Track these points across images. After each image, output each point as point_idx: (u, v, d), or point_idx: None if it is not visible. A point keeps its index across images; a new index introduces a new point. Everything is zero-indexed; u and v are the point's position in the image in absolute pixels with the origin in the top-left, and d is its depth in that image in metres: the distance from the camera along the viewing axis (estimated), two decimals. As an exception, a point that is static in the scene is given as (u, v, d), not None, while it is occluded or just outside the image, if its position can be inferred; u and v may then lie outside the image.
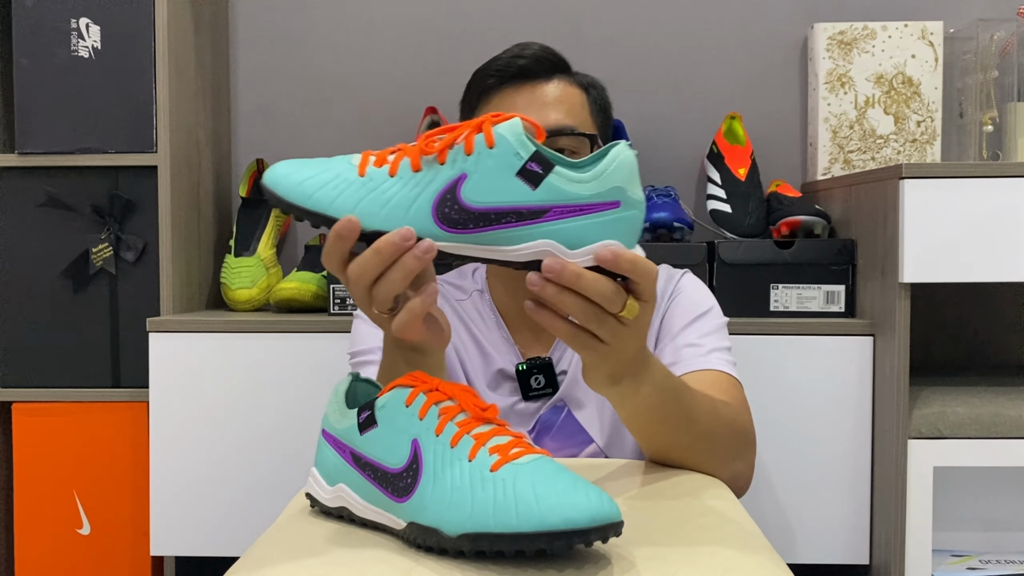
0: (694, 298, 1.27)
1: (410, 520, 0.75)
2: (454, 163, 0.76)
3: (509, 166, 0.74)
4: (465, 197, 0.75)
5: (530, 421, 1.24)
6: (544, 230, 0.74)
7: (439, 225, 0.76)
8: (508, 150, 0.74)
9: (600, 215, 0.74)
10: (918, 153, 1.82)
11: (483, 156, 0.75)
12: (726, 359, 1.21)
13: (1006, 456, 1.49)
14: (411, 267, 0.78)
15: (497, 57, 1.27)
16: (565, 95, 1.24)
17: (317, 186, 0.78)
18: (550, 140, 1.20)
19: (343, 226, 0.77)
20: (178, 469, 1.61)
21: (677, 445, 1.01)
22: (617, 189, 0.74)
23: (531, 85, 1.24)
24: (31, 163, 1.72)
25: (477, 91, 1.27)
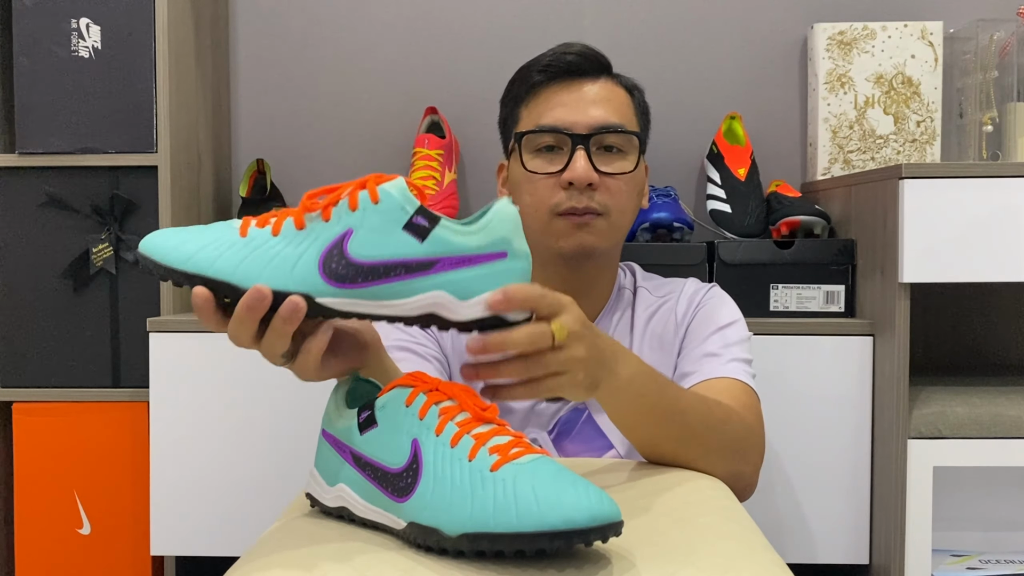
0: (719, 310, 1.28)
1: (410, 520, 0.75)
2: (339, 219, 0.74)
3: (395, 220, 0.74)
4: (352, 252, 0.74)
5: (549, 423, 1.24)
6: (434, 282, 0.74)
7: (326, 280, 0.74)
8: (394, 205, 0.74)
9: (488, 265, 0.75)
10: (918, 153, 1.82)
11: (368, 212, 0.74)
12: (744, 369, 1.21)
13: (1006, 456, 1.49)
14: (283, 330, 0.75)
15: (542, 55, 1.27)
16: (612, 94, 1.25)
17: (196, 248, 0.75)
18: (597, 137, 1.21)
19: (196, 298, 0.75)
20: (178, 469, 1.61)
21: (666, 437, 1.02)
22: (502, 240, 0.75)
23: (578, 83, 1.24)
24: (31, 163, 1.72)
25: (524, 87, 1.27)
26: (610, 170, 1.21)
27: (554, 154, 1.23)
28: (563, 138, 1.21)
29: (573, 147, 1.20)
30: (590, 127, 1.21)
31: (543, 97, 1.25)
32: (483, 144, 1.86)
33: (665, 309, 1.30)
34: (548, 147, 1.23)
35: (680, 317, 1.29)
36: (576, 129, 1.21)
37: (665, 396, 1.00)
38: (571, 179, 1.19)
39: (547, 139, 1.23)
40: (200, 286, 0.74)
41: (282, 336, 0.76)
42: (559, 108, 1.23)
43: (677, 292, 1.33)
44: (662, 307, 1.31)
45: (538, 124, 1.23)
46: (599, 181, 1.20)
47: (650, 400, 0.98)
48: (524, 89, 1.27)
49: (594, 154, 1.21)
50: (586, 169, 1.18)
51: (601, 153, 1.22)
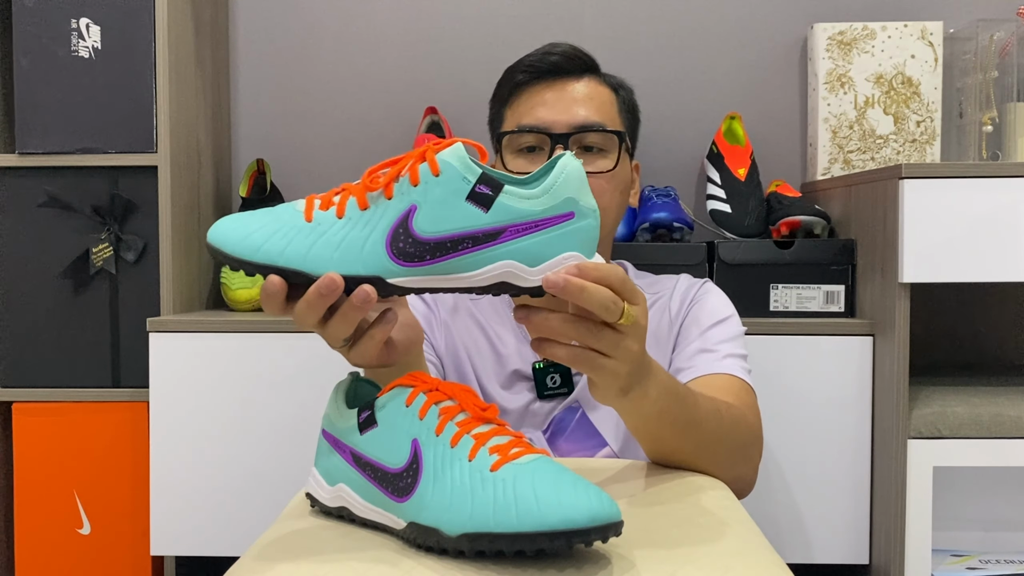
0: (713, 306, 1.28)
1: (410, 520, 0.75)
2: (402, 196, 0.74)
3: (458, 191, 0.73)
4: (418, 228, 0.73)
5: (544, 422, 1.24)
6: (502, 251, 0.73)
7: (395, 261, 0.73)
8: (455, 176, 0.73)
9: (556, 228, 0.74)
10: (918, 153, 1.82)
11: (430, 185, 0.73)
12: (740, 365, 1.21)
13: (1006, 456, 1.49)
14: (352, 317, 0.76)
15: (528, 54, 1.28)
16: (595, 93, 1.25)
17: (264, 238, 0.74)
18: (577, 136, 1.21)
19: (268, 286, 0.74)
20: (178, 469, 1.61)
21: (682, 449, 1.01)
22: (569, 200, 0.74)
23: (561, 82, 1.25)
24: (31, 163, 1.72)
25: (508, 87, 1.28)
26: (590, 169, 1.21)
27: (535, 154, 1.23)
28: (543, 138, 1.22)
29: (552, 146, 1.20)
30: (570, 126, 1.21)
31: (525, 97, 1.26)
32: (483, 144, 1.86)
33: (659, 306, 1.30)
34: (530, 147, 1.23)
35: (674, 314, 1.29)
36: (556, 128, 1.21)
37: (684, 411, 0.98)
38: None
39: (528, 139, 1.23)
40: (273, 275, 0.74)
41: (350, 322, 0.76)
42: (540, 108, 1.23)
43: (670, 289, 1.32)
44: (655, 304, 1.31)
45: (519, 124, 1.24)
46: None
47: (670, 417, 0.96)
48: (508, 89, 1.28)
49: (575, 154, 1.21)
50: None
51: (582, 153, 1.22)
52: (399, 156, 0.77)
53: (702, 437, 1.01)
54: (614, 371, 0.82)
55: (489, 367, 1.26)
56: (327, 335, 0.78)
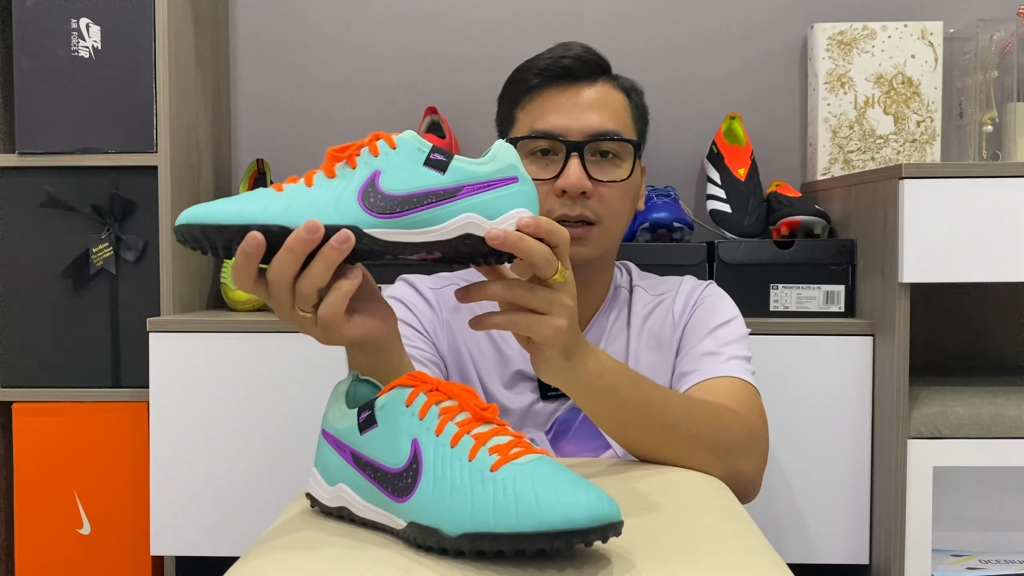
0: (716, 308, 1.28)
1: (410, 520, 0.75)
2: (365, 165, 0.81)
3: (415, 159, 0.82)
4: (384, 187, 0.80)
5: (547, 422, 1.24)
6: (463, 205, 0.81)
7: (368, 212, 0.80)
8: (410, 148, 0.82)
9: (504, 188, 0.83)
10: (918, 153, 1.82)
11: (390, 156, 0.82)
12: (744, 367, 1.20)
13: (1006, 456, 1.49)
14: (332, 259, 0.79)
15: (540, 56, 1.25)
16: (608, 99, 1.23)
17: (240, 205, 0.80)
18: (592, 144, 1.20)
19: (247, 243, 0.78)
20: (178, 469, 1.61)
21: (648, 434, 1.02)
22: (511, 167, 0.83)
23: (575, 87, 1.23)
24: (31, 163, 1.72)
25: (520, 89, 1.26)
26: (604, 178, 1.20)
27: (548, 159, 1.21)
28: (558, 144, 1.20)
29: (567, 154, 1.19)
30: (585, 134, 1.20)
31: (539, 101, 1.23)
32: (483, 144, 1.85)
33: (662, 308, 1.30)
34: (543, 151, 1.22)
35: (677, 316, 1.29)
36: (571, 136, 1.20)
37: (639, 391, 1.00)
38: (564, 187, 1.18)
39: (542, 144, 1.22)
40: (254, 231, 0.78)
41: (329, 265, 0.79)
42: (554, 113, 1.21)
43: (674, 291, 1.32)
44: (659, 306, 1.31)
45: (533, 129, 1.22)
46: (592, 189, 1.19)
47: (623, 394, 0.98)
48: (520, 91, 1.26)
49: (588, 160, 1.20)
50: (579, 178, 1.18)
51: (596, 160, 1.21)
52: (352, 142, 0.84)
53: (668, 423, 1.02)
54: (551, 326, 0.86)
55: (492, 367, 1.26)
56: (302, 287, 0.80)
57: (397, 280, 1.34)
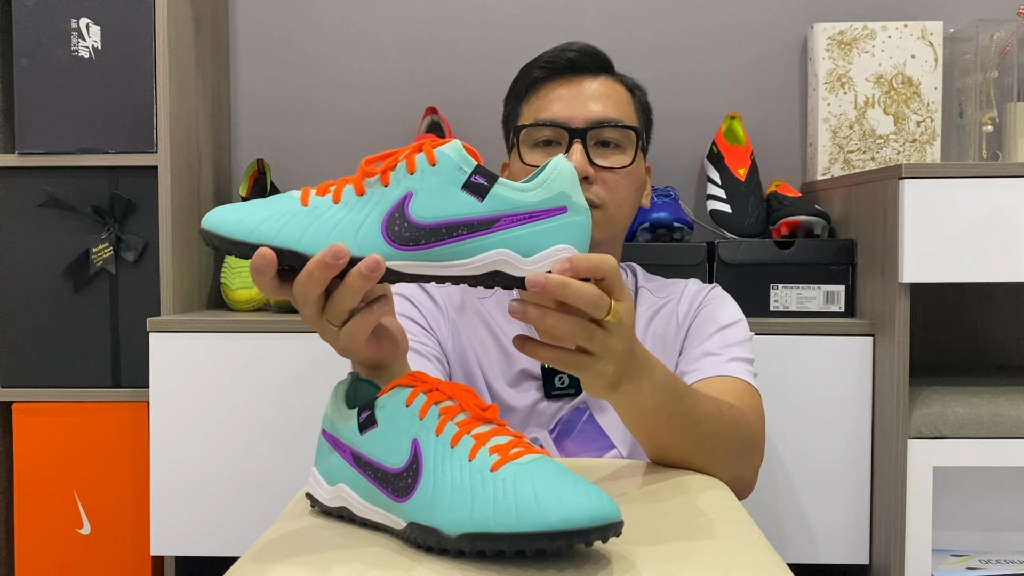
0: (721, 310, 1.28)
1: (410, 520, 0.75)
2: (398, 183, 0.75)
3: (454, 180, 0.74)
4: (413, 214, 0.74)
5: (551, 421, 1.24)
6: (496, 239, 0.74)
7: (390, 244, 0.74)
8: (451, 165, 0.74)
9: (549, 221, 0.75)
10: (918, 153, 1.82)
11: (427, 174, 0.74)
12: (746, 369, 1.21)
13: (1006, 456, 1.49)
14: (357, 287, 0.75)
15: (545, 52, 1.29)
16: (611, 91, 1.26)
17: (259, 220, 0.75)
18: (595, 131, 1.22)
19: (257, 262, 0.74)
20: (178, 469, 1.61)
21: (678, 446, 1.01)
22: (562, 195, 0.75)
23: (578, 79, 1.26)
24: (31, 163, 1.72)
25: (524, 83, 1.29)
26: (607, 164, 1.22)
27: (552, 148, 1.24)
28: (561, 132, 1.23)
29: (570, 141, 1.21)
30: (587, 121, 1.22)
31: (542, 93, 1.27)
32: (483, 144, 1.84)
33: (667, 309, 1.31)
34: (546, 141, 1.24)
35: (682, 317, 1.29)
36: (573, 123, 1.22)
37: (681, 407, 0.98)
38: None
39: (545, 133, 1.24)
40: (263, 248, 0.74)
41: (355, 294, 0.75)
42: (557, 103, 1.24)
43: (679, 292, 1.33)
44: (664, 307, 1.31)
45: (536, 118, 1.25)
46: (595, 175, 1.21)
47: (666, 413, 0.96)
48: (524, 86, 1.29)
49: (591, 148, 1.22)
50: (582, 163, 1.19)
51: (598, 148, 1.23)
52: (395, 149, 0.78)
53: (700, 435, 1.01)
54: (599, 371, 0.83)
55: (496, 365, 1.26)
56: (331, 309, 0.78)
57: None
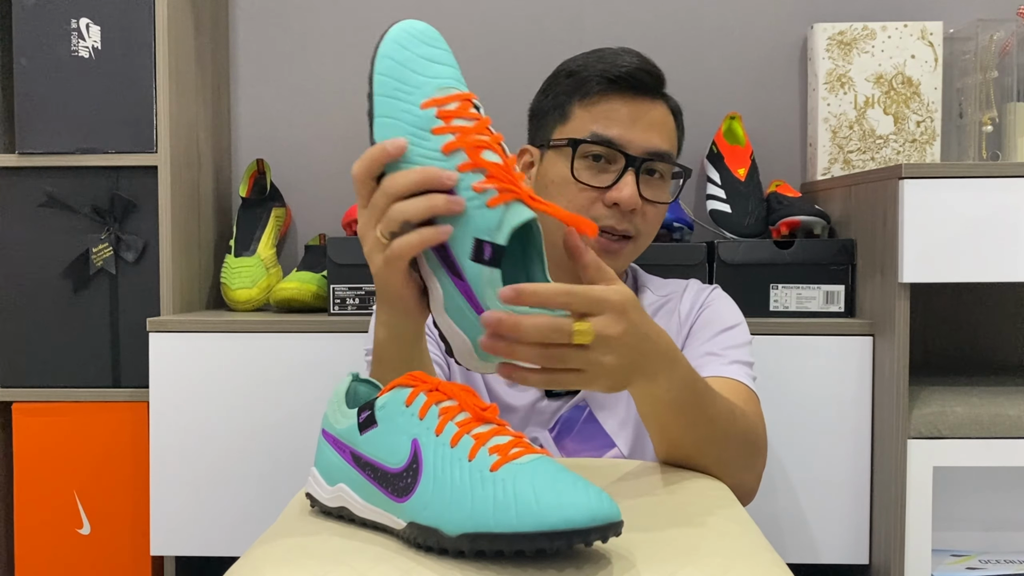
0: (722, 312, 1.28)
1: (410, 520, 0.75)
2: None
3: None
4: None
5: (551, 420, 1.24)
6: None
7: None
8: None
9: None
10: (918, 153, 1.82)
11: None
12: (746, 372, 1.21)
13: (1006, 456, 1.49)
14: (438, 207, 0.77)
15: (600, 58, 1.23)
16: (666, 119, 1.24)
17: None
18: (649, 163, 1.20)
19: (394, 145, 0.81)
20: (178, 469, 1.61)
21: (690, 443, 1.01)
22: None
23: (639, 100, 1.21)
24: (31, 163, 1.72)
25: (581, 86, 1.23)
26: (653, 197, 1.21)
27: (601, 166, 1.20)
28: (616, 155, 1.19)
29: (625, 167, 1.19)
30: (645, 151, 1.20)
31: (603, 106, 1.21)
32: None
33: (667, 309, 1.31)
34: (596, 156, 1.20)
35: (683, 317, 1.29)
36: (631, 150, 1.19)
37: (699, 403, 0.98)
38: (618, 200, 1.18)
39: (597, 149, 1.20)
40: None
41: (429, 211, 0.78)
42: (618, 124, 1.20)
43: (679, 292, 1.33)
44: (664, 307, 1.31)
45: (593, 132, 1.20)
46: (641, 208, 1.20)
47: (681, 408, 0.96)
48: (581, 88, 1.23)
49: (642, 177, 1.20)
50: (633, 194, 1.18)
51: (645, 177, 1.21)
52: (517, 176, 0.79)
53: (713, 433, 1.01)
54: (591, 382, 0.83)
55: None
56: (396, 211, 0.80)
57: None
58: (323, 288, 1.75)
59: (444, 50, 0.83)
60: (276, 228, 1.88)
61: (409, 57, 0.83)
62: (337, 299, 1.67)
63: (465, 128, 0.81)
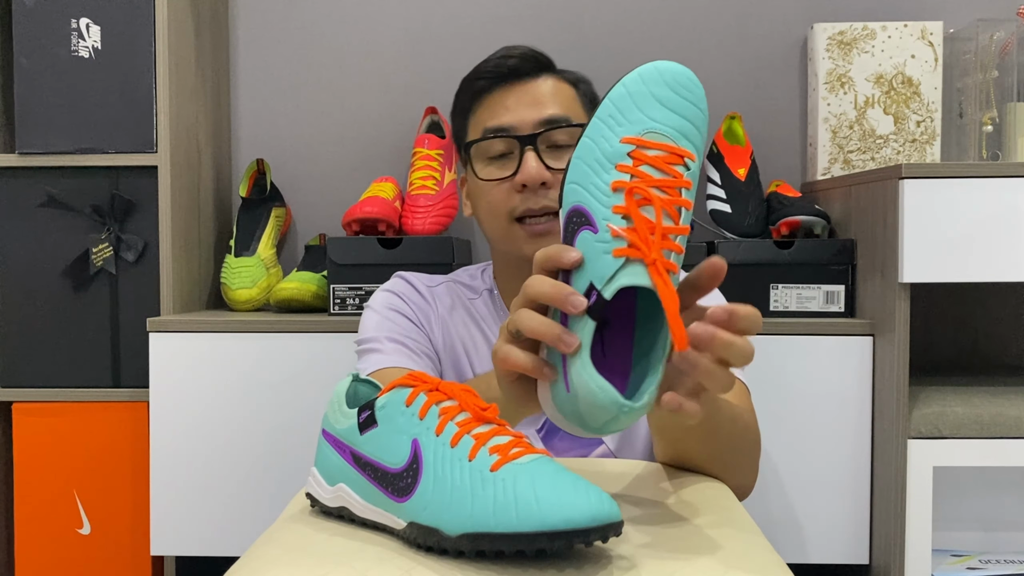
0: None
1: (410, 520, 0.75)
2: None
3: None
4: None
5: (539, 419, 1.24)
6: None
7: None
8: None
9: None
10: (918, 153, 1.82)
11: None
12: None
13: (1006, 456, 1.49)
14: (546, 337, 0.75)
15: (485, 60, 1.28)
16: (556, 90, 1.25)
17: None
18: (545, 135, 1.21)
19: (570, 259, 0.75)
20: (178, 469, 1.61)
21: (699, 455, 1.01)
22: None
23: (522, 84, 1.25)
24: (31, 163, 1.72)
25: (469, 95, 1.28)
26: (562, 165, 1.21)
27: (505, 159, 1.23)
28: (511, 141, 1.21)
29: (522, 148, 1.20)
30: (535, 125, 1.21)
31: (486, 104, 1.25)
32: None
33: None
34: (500, 154, 1.23)
35: None
36: (521, 130, 1.21)
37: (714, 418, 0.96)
38: (524, 181, 1.19)
39: (497, 145, 1.23)
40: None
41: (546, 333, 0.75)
42: (503, 112, 1.23)
43: None
44: None
45: (484, 129, 1.23)
46: (552, 179, 1.19)
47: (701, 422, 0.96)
48: (468, 98, 1.28)
49: (544, 152, 1.21)
50: (537, 169, 1.18)
51: (552, 151, 1.22)
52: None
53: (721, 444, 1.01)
54: (692, 413, 0.78)
55: (486, 364, 1.26)
56: (523, 319, 0.76)
57: (392, 276, 1.35)
58: (323, 288, 1.75)
59: (686, 100, 0.78)
60: (276, 228, 1.88)
61: (641, 92, 0.79)
62: (337, 299, 1.67)
63: (646, 176, 0.77)
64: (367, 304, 1.32)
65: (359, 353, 1.26)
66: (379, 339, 1.24)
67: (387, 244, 1.68)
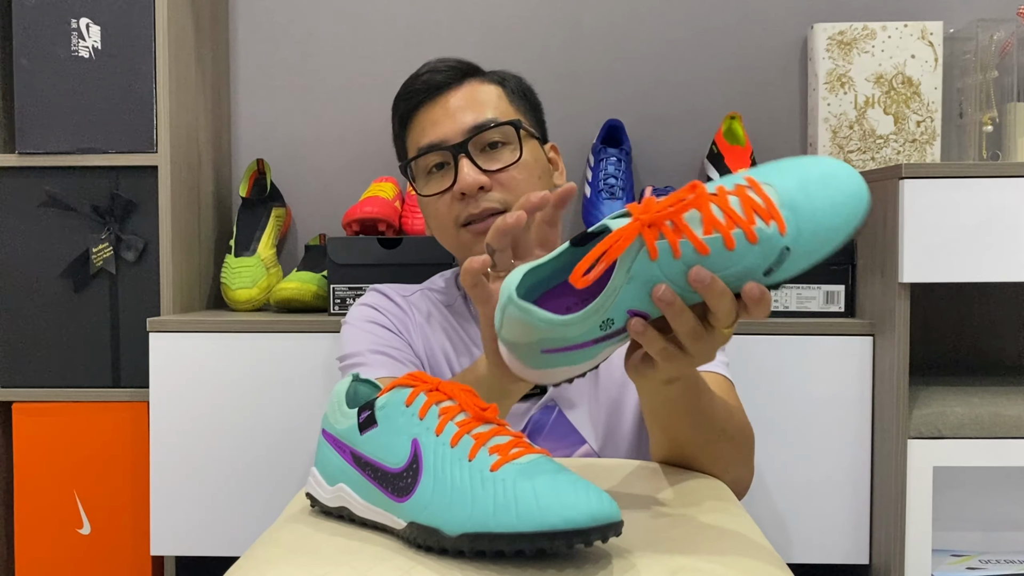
0: None
1: (410, 520, 0.75)
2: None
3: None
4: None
5: (522, 421, 1.25)
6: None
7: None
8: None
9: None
10: (918, 153, 1.82)
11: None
12: (720, 359, 1.22)
13: (1006, 456, 1.49)
14: (542, 213, 0.88)
15: (408, 81, 1.31)
16: (477, 93, 1.27)
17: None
18: (474, 140, 1.23)
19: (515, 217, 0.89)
20: (178, 469, 1.61)
21: (691, 442, 1.02)
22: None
23: (442, 98, 1.27)
24: (31, 163, 1.72)
25: (399, 118, 1.32)
26: (497, 166, 1.22)
27: (444, 171, 1.25)
28: (444, 153, 1.24)
29: (455, 158, 1.22)
30: (463, 133, 1.23)
31: (416, 123, 1.28)
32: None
33: None
34: (437, 166, 1.25)
35: None
36: (451, 140, 1.23)
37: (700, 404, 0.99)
38: (462, 190, 1.21)
39: (433, 159, 1.25)
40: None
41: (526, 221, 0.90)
42: (431, 128, 1.25)
43: None
44: None
45: (418, 148, 1.26)
46: (490, 181, 1.21)
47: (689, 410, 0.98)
48: (399, 122, 1.32)
49: (479, 156, 1.22)
50: (473, 175, 1.20)
51: (486, 153, 1.23)
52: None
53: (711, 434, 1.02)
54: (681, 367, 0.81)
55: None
56: (503, 258, 0.89)
57: (367, 290, 1.37)
58: (323, 288, 1.75)
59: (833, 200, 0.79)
60: (276, 228, 1.88)
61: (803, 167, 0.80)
62: (337, 299, 1.67)
63: (705, 195, 0.77)
64: (344, 320, 1.33)
65: (343, 370, 1.26)
66: (362, 352, 1.24)
67: (387, 244, 1.68)
